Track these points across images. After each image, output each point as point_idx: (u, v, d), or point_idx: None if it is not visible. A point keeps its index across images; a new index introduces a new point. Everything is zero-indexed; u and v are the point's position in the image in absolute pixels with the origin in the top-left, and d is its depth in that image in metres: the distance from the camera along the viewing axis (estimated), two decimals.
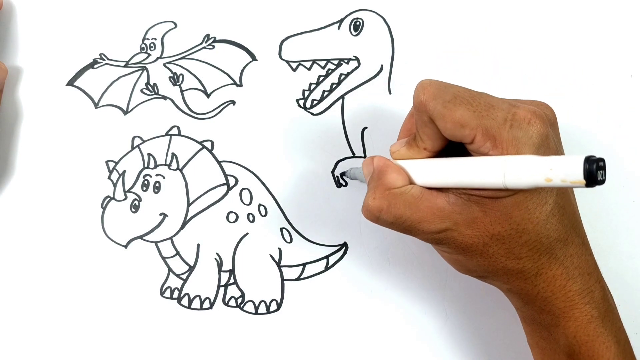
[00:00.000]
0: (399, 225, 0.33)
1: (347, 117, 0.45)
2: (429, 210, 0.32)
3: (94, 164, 0.46)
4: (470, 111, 0.30)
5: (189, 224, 0.45)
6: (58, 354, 0.44)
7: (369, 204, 0.33)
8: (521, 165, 0.28)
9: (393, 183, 0.33)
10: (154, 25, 0.47)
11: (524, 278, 0.32)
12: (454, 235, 0.32)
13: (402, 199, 0.33)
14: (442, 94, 0.31)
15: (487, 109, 0.30)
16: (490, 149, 0.30)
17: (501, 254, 0.32)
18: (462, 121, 0.30)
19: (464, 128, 0.30)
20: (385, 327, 0.43)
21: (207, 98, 0.46)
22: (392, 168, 0.34)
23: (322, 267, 0.44)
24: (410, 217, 0.32)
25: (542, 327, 0.34)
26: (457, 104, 0.30)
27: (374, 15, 0.45)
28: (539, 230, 0.31)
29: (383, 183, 0.34)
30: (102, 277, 0.45)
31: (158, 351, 0.44)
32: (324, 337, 0.43)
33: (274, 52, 0.46)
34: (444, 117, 0.30)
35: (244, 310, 0.44)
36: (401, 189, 0.33)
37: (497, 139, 0.29)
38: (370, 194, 0.34)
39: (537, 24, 0.44)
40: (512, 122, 0.30)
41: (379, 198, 0.33)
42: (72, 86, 0.47)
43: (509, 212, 0.31)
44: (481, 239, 0.32)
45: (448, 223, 0.32)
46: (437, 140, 0.32)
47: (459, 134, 0.30)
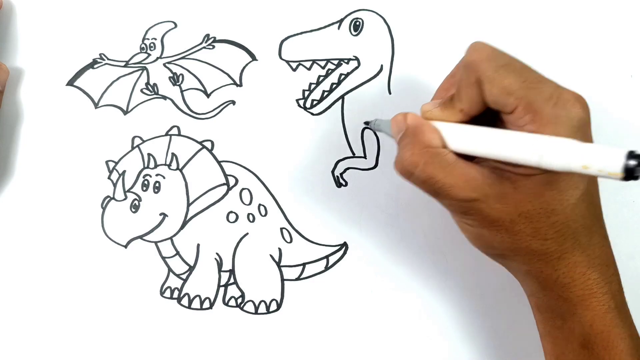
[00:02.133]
0: (430, 186, 0.32)
1: (347, 117, 0.45)
2: (462, 177, 0.31)
3: (94, 164, 0.46)
4: (520, 81, 0.30)
5: (189, 224, 0.45)
6: (58, 354, 0.44)
7: (406, 159, 0.32)
8: (560, 148, 0.28)
9: (430, 142, 0.32)
10: (154, 25, 0.47)
11: (546, 260, 0.32)
12: (482, 207, 0.31)
13: (438, 159, 0.32)
14: (496, 58, 0.31)
15: (535, 83, 0.30)
16: (528, 122, 0.30)
17: (527, 232, 0.31)
18: (510, 89, 0.30)
19: (510, 96, 0.30)
20: (385, 327, 0.43)
21: (207, 98, 0.46)
22: (429, 127, 0.33)
23: (322, 267, 0.44)
24: (443, 179, 0.31)
25: (557, 315, 0.34)
26: (508, 71, 0.30)
27: (374, 15, 0.45)
28: (567, 213, 0.31)
29: (420, 140, 0.32)
30: (102, 277, 0.45)
31: (158, 351, 0.44)
32: (324, 337, 0.43)
33: (274, 52, 0.46)
34: (493, 81, 0.30)
35: (244, 310, 0.44)
36: (438, 149, 0.32)
37: (539, 113, 0.29)
38: (408, 149, 0.32)
39: (537, 24, 0.44)
40: (557, 100, 0.30)
41: (417, 154, 0.32)
42: (72, 86, 0.47)
43: (540, 191, 0.30)
44: (509, 215, 0.31)
45: (479, 194, 0.31)
46: (476, 105, 0.32)
47: (502, 102, 0.30)
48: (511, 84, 0.30)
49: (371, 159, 0.44)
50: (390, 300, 0.43)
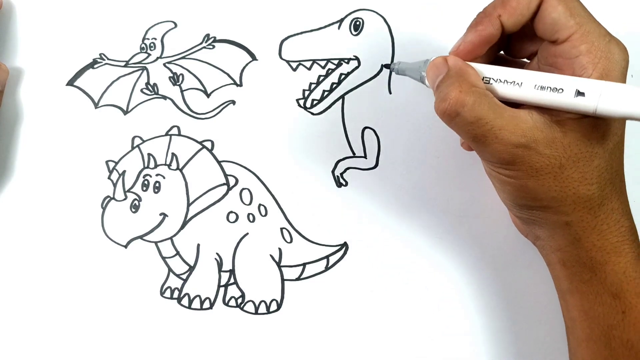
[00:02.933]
0: (478, 128, 0.30)
1: (347, 117, 0.45)
2: (511, 119, 0.30)
3: (94, 164, 0.46)
4: (583, 8, 0.30)
5: (189, 224, 0.45)
6: (58, 354, 0.44)
7: (452, 97, 0.30)
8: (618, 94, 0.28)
9: (476, 82, 0.31)
10: (154, 25, 0.47)
11: (589, 207, 0.32)
12: (530, 154, 0.30)
13: (487, 100, 0.30)
14: None
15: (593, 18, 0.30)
16: (583, 53, 0.29)
17: (575, 177, 0.31)
18: (574, 10, 0.29)
19: (572, 18, 0.29)
20: (385, 327, 0.43)
21: (207, 98, 0.46)
22: (472, 69, 0.31)
23: (322, 267, 0.44)
24: (493, 120, 0.30)
25: (586, 268, 0.33)
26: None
27: (374, 15, 0.45)
28: (607, 157, 0.31)
29: (468, 80, 0.31)
30: (102, 277, 0.44)
31: (158, 351, 0.44)
32: (324, 337, 0.43)
33: (274, 52, 0.46)
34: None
35: (244, 310, 0.44)
36: (485, 90, 0.31)
37: (595, 45, 0.29)
38: (455, 87, 0.30)
39: None
40: (610, 39, 0.30)
41: (465, 92, 0.30)
42: (72, 86, 0.47)
43: (587, 134, 0.30)
44: (558, 160, 0.31)
45: (528, 139, 0.30)
46: (521, 17, 0.31)
47: (563, 22, 0.30)
48: (576, 6, 0.30)
49: (371, 159, 0.44)
50: (391, 300, 0.43)
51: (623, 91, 0.28)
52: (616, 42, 0.30)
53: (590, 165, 0.31)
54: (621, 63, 0.30)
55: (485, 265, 0.43)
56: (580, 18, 0.30)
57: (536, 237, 0.36)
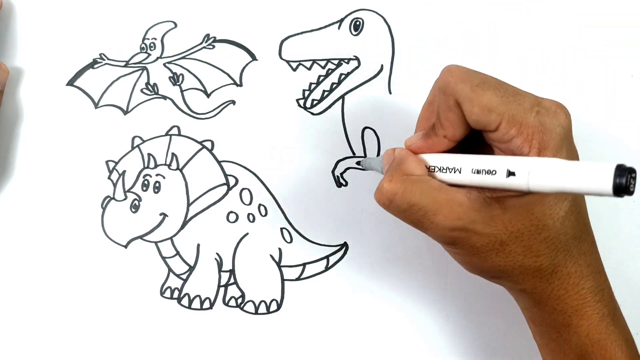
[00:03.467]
0: (412, 214, 0.31)
1: (347, 117, 0.45)
2: (446, 203, 0.30)
3: (94, 164, 0.46)
4: (498, 96, 0.30)
5: (189, 224, 0.45)
6: (58, 354, 0.44)
7: (384, 187, 0.32)
8: (547, 170, 0.27)
9: (412, 170, 0.32)
10: (154, 25, 0.47)
11: (540, 276, 0.32)
12: (469, 236, 0.31)
13: (419, 186, 0.31)
14: (471, 78, 0.31)
15: (514, 96, 0.30)
16: (514, 135, 0.29)
17: (519, 252, 0.31)
18: (489, 105, 0.30)
19: (491, 113, 0.30)
20: (386, 328, 0.43)
21: (207, 98, 0.46)
22: (413, 157, 0.33)
23: (322, 267, 0.44)
24: (426, 206, 0.31)
25: (552, 328, 0.33)
26: (485, 89, 0.30)
27: (374, 15, 0.45)
28: (557, 226, 0.31)
29: (401, 169, 0.32)
30: (102, 277, 0.44)
31: (158, 351, 0.44)
32: (324, 337, 0.43)
33: (274, 52, 0.46)
34: (472, 100, 0.30)
35: (244, 310, 0.44)
36: (420, 176, 0.32)
37: (523, 124, 0.29)
38: (387, 177, 0.32)
39: (537, 24, 0.44)
40: (538, 109, 0.30)
41: (395, 181, 0.31)
42: (72, 86, 0.47)
43: (530, 208, 0.30)
44: (498, 238, 0.30)
45: (465, 221, 0.30)
46: (459, 128, 0.31)
47: (484, 120, 0.30)
48: (490, 100, 0.30)
49: None
50: (390, 300, 0.43)
51: (552, 166, 0.27)
52: (546, 110, 0.30)
53: (536, 239, 0.31)
54: (557, 129, 0.29)
55: None
56: (499, 108, 0.30)
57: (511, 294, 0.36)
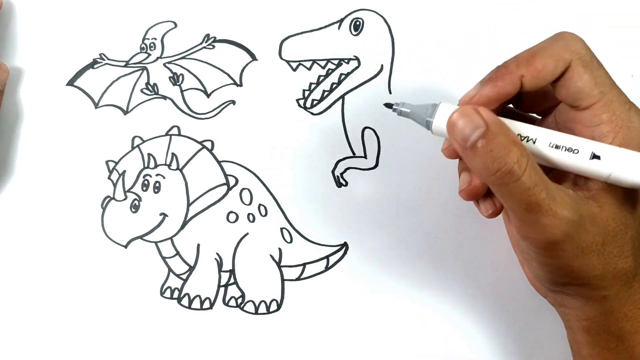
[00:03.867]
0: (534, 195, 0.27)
1: (347, 117, 0.45)
2: (559, 191, 0.28)
3: (94, 164, 0.46)
4: (607, 77, 0.30)
5: (189, 224, 0.45)
6: (58, 354, 0.44)
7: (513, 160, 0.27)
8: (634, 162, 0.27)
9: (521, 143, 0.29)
10: (154, 25, 0.47)
11: (625, 280, 0.30)
12: (579, 232, 0.28)
13: (538, 168, 0.28)
14: (591, 52, 0.30)
15: (616, 86, 0.30)
16: (604, 121, 0.29)
17: (615, 253, 0.30)
18: (599, 80, 0.29)
19: (596, 87, 0.29)
20: (386, 328, 0.43)
21: (207, 98, 0.46)
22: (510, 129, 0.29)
23: (322, 267, 0.44)
24: (547, 190, 0.28)
25: (613, 337, 0.32)
26: (600, 66, 0.30)
27: (374, 15, 0.45)
28: (637, 226, 0.30)
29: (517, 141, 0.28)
30: (102, 277, 0.44)
31: (158, 351, 0.44)
32: (324, 337, 0.43)
33: (274, 52, 0.46)
34: (587, 66, 0.29)
35: (244, 310, 0.44)
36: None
37: (617, 113, 0.29)
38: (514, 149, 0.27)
39: (538, 24, 0.44)
40: (630, 106, 0.30)
41: (526, 155, 0.28)
42: (72, 86, 0.47)
43: (620, 206, 0.30)
44: (601, 237, 0.29)
45: (577, 214, 0.28)
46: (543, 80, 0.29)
47: (587, 91, 0.29)
48: (601, 75, 0.29)
49: (371, 159, 0.44)
50: (391, 300, 0.43)
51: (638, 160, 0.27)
52: (636, 110, 0.30)
53: (625, 238, 0.30)
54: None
55: (485, 265, 0.43)
56: (604, 87, 0.29)
57: (561, 304, 0.34)
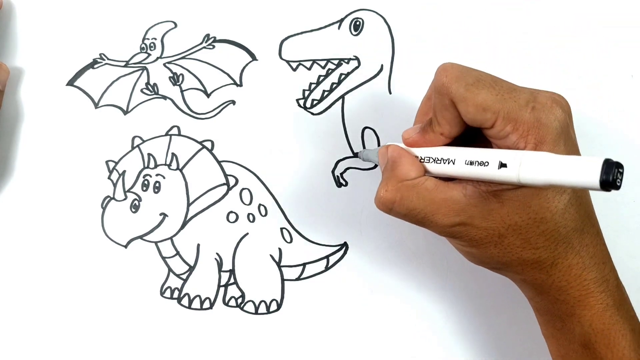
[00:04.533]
0: (412, 217, 0.32)
1: (347, 117, 0.45)
2: (443, 202, 0.31)
3: (94, 164, 0.46)
4: (493, 94, 0.30)
5: (189, 224, 0.45)
6: (58, 354, 0.44)
7: (382, 196, 0.33)
8: (537, 162, 0.27)
9: (406, 174, 0.33)
10: (154, 25, 0.47)
11: (540, 268, 0.32)
12: (468, 230, 0.31)
13: (415, 191, 0.32)
14: (465, 77, 0.31)
15: (509, 92, 0.30)
16: (510, 132, 0.30)
17: (517, 244, 0.31)
18: (484, 104, 0.30)
19: (486, 112, 0.30)
20: (386, 327, 0.43)
21: (207, 98, 0.46)
22: (406, 158, 0.33)
23: (322, 267, 0.44)
24: (424, 209, 0.32)
25: (556, 318, 0.34)
26: (479, 87, 0.30)
27: (374, 15, 0.45)
28: (557, 219, 0.31)
29: (396, 174, 0.33)
30: (102, 277, 0.44)
31: (158, 351, 0.44)
32: (324, 337, 0.43)
33: (274, 52, 0.46)
34: (466, 100, 0.30)
35: (244, 310, 0.44)
36: (414, 180, 0.32)
37: (519, 121, 0.29)
38: (383, 186, 0.33)
39: (538, 24, 0.44)
40: (534, 105, 0.30)
41: (392, 190, 0.32)
42: (72, 86, 0.47)
43: (527, 202, 0.30)
44: (496, 231, 0.31)
45: (463, 217, 0.31)
46: (455, 126, 0.32)
47: (480, 118, 0.30)
48: (485, 99, 0.30)
49: None
50: (390, 300, 0.43)
51: (542, 159, 0.27)
52: (541, 105, 0.30)
53: (535, 231, 0.31)
54: (553, 124, 0.30)
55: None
56: (495, 106, 0.30)
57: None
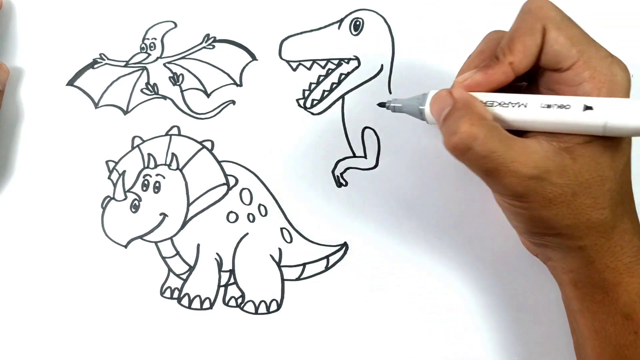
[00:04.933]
0: (490, 161, 0.29)
1: (347, 117, 0.45)
2: (522, 150, 0.29)
3: (94, 164, 0.46)
4: (583, 35, 0.30)
5: (189, 224, 0.45)
6: (58, 354, 0.44)
7: (464, 131, 0.29)
8: (627, 109, 0.27)
9: (485, 114, 0.30)
10: (154, 25, 0.47)
11: (603, 231, 0.32)
12: (543, 185, 0.30)
13: (497, 132, 0.29)
14: (561, 11, 0.31)
15: (593, 41, 0.30)
16: (586, 79, 0.29)
17: (587, 204, 0.31)
18: (574, 39, 0.30)
19: (573, 47, 0.29)
20: (386, 328, 0.43)
21: (207, 98, 0.46)
22: (478, 101, 0.31)
23: (322, 267, 0.44)
24: (505, 153, 0.29)
25: (598, 289, 0.33)
26: (573, 24, 0.30)
27: (374, 15, 0.45)
28: (617, 178, 0.31)
29: (477, 112, 0.30)
30: (102, 277, 0.44)
31: (158, 351, 0.44)
32: (324, 337, 0.43)
33: (274, 52, 0.46)
34: (560, 28, 0.30)
35: (244, 310, 0.44)
36: (495, 123, 0.30)
37: (598, 70, 0.29)
38: (465, 121, 0.29)
39: None
40: (612, 61, 0.30)
41: (477, 125, 0.29)
42: (72, 86, 0.47)
43: (597, 158, 0.30)
44: (570, 188, 0.30)
45: (541, 169, 0.29)
46: (530, 56, 0.30)
47: (565, 52, 0.30)
48: (576, 34, 0.30)
49: (371, 158, 0.44)
50: (391, 300, 0.43)
51: (632, 106, 0.27)
52: (617, 63, 0.30)
53: (601, 190, 0.31)
54: (624, 84, 0.30)
55: (485, 266, 0.43)
56: (582, 45, 0.30)
57: (547, 258, 0.36)
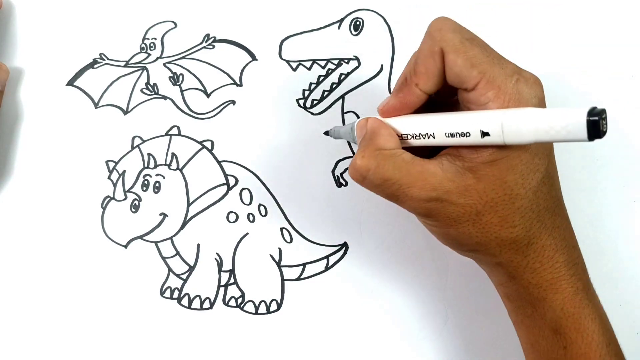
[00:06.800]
0: (386, 188, 0.31)
1: (347, 117, 0.45)
2: (420, 175, 0.31)
3: (94, 164, 0.46)
4: (484, 55, 0.30)
5: (189, 224, 0.45)
6: (58, 354, 0.44)
7: (357, 163, 0.32)
8: (522, 118, 0.27)
9: (384, 144, 0.32)
10: (154, 25, 0.47)
11: (516, 248, 0.32)
12: (444, 206, 0.31)
13: (392, 160, 0.31)
14: (462, 32, 0.31)
15: (497, 59, 0.30)
16: (491, 99, 0.29)
17: (494, 222, 0.31)
18: (474, 60, 0.29)
19: (473, 69, 0.29)
20: (386, 328, 0.43)
21: (207, 98, 0.46)
22: (385, 129, 0.33)
23: (322, 267, 0.44)
24: (399, 180, 0.31)
25: (527, 303, 0.34)
26: (473, 44, 0.30)
27: (374, 15, 0.45)
28: (530, 196, 0.31)
29: (374, 143, 0.32)
30: (102, 277, 0.45)
31: (158, 351, 0.44)
32: (324, 337, 0.43)
33: (274, 52, 0.46)
34: (458, 51, 0.30)
35: (244, 310, 0.44)
36: (392, 150, 0.32)
37: (502, 89, 0.29)
38: (359, 153, 0.32)
39: (538, 24, 0.44)
40: (518, 78, 0.30)
41: (368, 157, 0.31)
42: (72, 86, 0.47)
43: (503, 177, 0.30)
44: (474, 208, 0.31)
45: (440, 191, 0.30)
46: (434, 78, 0.31)
47: (465, 74, 0.30)
48: (476, 55, 0.30)
49: None
50: (390, 300, 0.43)
51: (525, 115, 0.27)
52: (525, 80, 0.30)
53: (510, 208, 0.31)
54: (532, 99, 0.30)
55: None
56: (483, 66, 0.30)
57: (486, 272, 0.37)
